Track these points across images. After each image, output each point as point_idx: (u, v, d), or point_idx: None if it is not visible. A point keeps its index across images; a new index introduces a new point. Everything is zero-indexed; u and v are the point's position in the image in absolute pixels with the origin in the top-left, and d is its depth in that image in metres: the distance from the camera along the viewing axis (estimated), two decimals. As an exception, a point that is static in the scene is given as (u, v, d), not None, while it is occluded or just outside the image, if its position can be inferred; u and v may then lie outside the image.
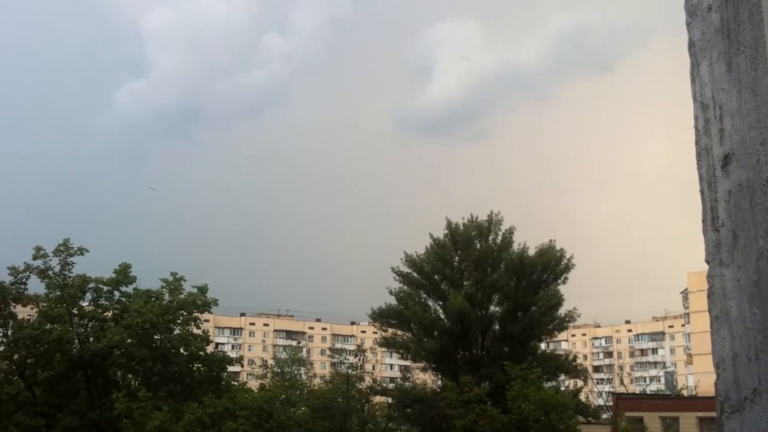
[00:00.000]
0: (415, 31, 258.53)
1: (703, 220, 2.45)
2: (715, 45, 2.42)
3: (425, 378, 67.33)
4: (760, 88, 2.22)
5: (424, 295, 56.71)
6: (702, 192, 2.47)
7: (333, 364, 79.22)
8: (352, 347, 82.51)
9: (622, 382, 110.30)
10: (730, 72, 2.35)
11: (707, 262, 2.41)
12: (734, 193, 2.30)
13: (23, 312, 41.52)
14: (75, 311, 40.37)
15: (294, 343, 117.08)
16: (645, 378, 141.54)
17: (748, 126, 2.25)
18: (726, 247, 2.33)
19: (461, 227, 56.17)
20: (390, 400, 58.13)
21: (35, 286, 40.07)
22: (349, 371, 56.53)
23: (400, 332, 57.42)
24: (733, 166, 2.31)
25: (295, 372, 71.42)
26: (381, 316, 56.57)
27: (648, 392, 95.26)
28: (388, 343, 59.25)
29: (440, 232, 56.76)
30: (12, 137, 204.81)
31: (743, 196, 2.26)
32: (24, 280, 39.42)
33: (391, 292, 56.25)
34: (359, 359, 60.57)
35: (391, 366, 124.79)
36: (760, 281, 2.18)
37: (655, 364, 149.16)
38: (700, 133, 2.49)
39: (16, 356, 38.97)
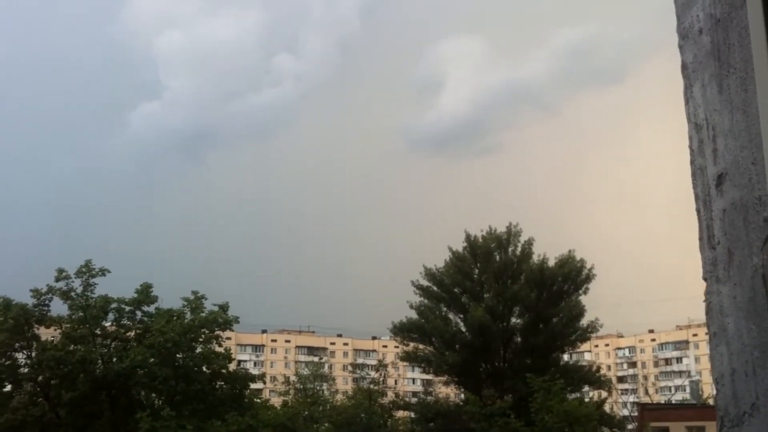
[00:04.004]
0: (423, 48, 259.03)
1: (700, 239, 2.50)
2: (706, 67, 2.48)
3: (448, 392, 67.09)
4: (750, 108, 2.27)
5: (445, 309, 56.59)
6: (698, 211, 2.52)
7: (355, 380, 79.23)
8: (374, 362, 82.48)
9: (646, 392, 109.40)
10: (721, 93, 2.40)
11: (704, 279, 2.46)
12: (728, 212, 2.35)
13: (46, 333, 41.88)
14: (98, 332, 40.68)
15: (316, 359, 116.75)
16: (670, 387, 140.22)
17: (740, 146, 2.30)
18: (722, 265, 2.37)
19: (480, 239, 56.09)
20: (412, 414, 58.01)
21: (58, 307, 40.44)
22: (371, 386, 56.52)
23: (421, 346, 57.29)
24: (726, 185, 2.36)
25: (318, 388, 71.38)
26: (402, 331, 56.47)
27: (673, 402, 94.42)
28: (409, 357, 59.10)
29: (458, 245, 56.73)
30: (27, 161, 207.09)
31: (737, 214, 2.31)
32: (47, 301, 39.78)
33: (411, 306, 56.22)
34: (381, 374, 60.52)
35: (413, 380, 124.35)
36: (755, 298, 2.22)
37: (680, 373, 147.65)
38: (695, 153, 2.54)
39: (40, 378, 39.28)
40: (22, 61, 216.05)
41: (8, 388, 40.20)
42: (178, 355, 39.38)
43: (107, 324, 41.53)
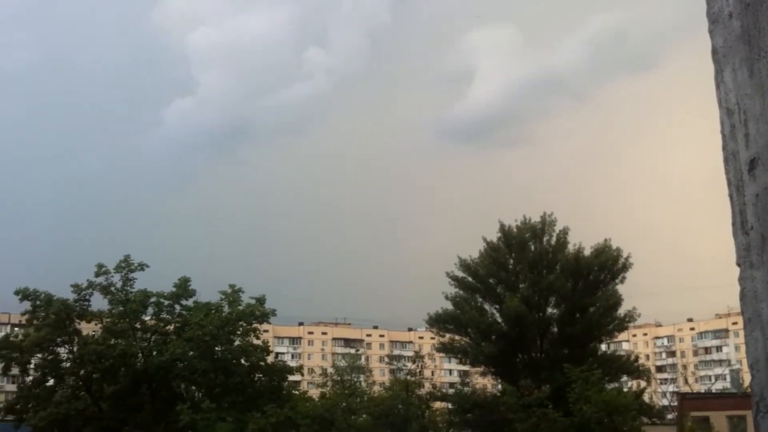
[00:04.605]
0: (455, 39, 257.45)
1: (733, 224, 2.49)
2: (737, 51, 2.46)
3: (484, 382, 66.97)
4: (782, 93, 2.26)
5: (480, 299, 56.40)
6: (731, 196, 2.51)
7: (392, 371, 79.29)
8: (410, 353, 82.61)
9: (686, 382, 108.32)
10: (752, 77, 2.39)
11: (738, 265, 2.45)
12: (761, 197, 2.34)
13: (87, 328, 42.53)
14: (138, 326, 41.20)
15: (352, 350, 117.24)
16: (710, 376, 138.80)
17: (772, 130, 2.30)
18: (755, 250, 2.36)
19: (514, 230, 55.80)
20: (450, 405, 58.01)
21: (98, 302, 41.03)
22: (408, 377, 56.58)
23: (457, 337, 57.21)
24: (759, 170, 2.35)
25: (355, 379, 71.65)
26: (438, 322, 56.43)
27: (713, 391, 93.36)
28: (445, 349, 59.08)
29: (493, 236, 56.49)
30: (63, 158, 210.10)
31: (770, 199, 2.30)
32: (87, 297, 40.36)
33: (447, 297, 56.11)
34: (418, 365, 60.56)
35: (450, 371, 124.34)
36: (789, 283, 2.21)
37: (720, 362, 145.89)
38: (727, 138, 2.53)
39: (82, 372, 39.88)
40: (56, 60, 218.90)
41: (51, 382, 40.92)
42: (216, 348, 39.76)
43: (147, 318, 42.03)
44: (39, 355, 40.21)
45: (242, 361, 40.86)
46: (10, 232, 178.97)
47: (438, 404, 59.61)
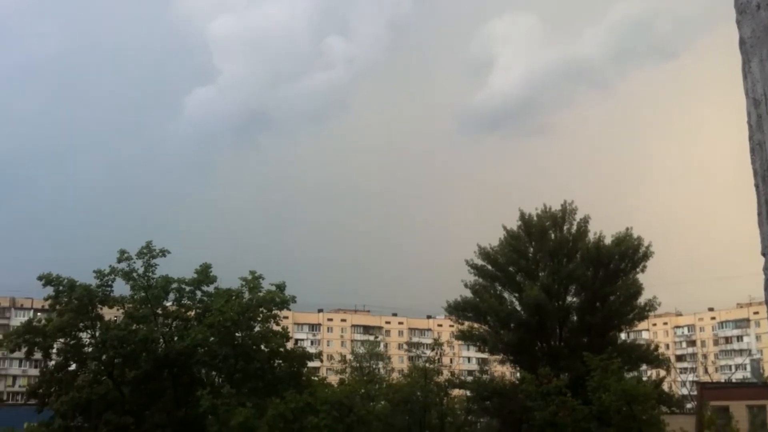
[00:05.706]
0: (476, 28, 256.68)
1: (759, 214, 2.50)
2: (764, 42, 2.47)
3: (503, 370, 66.96)
4: (809, 83, 2.27)
5: (500, 287, 56.31)
6: (756, 186, 2.52)
7: (410, 358, 79.48)
8: (429, 341, 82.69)
9: (706, 371, 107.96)
10: (780, 68, 2.40)
11: (763, 254, 2.47)
12: (788, 187, 2.35)
13: (110, 313, 42.82)
14: (159, 311, 41.46)
15: (371, 337, 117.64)
16: (730, 366, 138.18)
17: (799, 121, 2.31)
18: (781, 240, 2.38)
19: (535, 218, 55.60)
20: (468, 393, 58.01)
21: (120, 287, 41.34)
22: (427, 365, 56.66)
23: (476, 325, 57.17)
24: (785, 160, 2.36)
25: (374, 366, 71.90)
26: (457, 310, 56.40)
27: (734, 380, 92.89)
28: (464, 336, 59.01)
29: (513, 224, 56.33)
30: (86, 148, 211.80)
31: (796, 189, 2.31)
32: (109, 282, 40.61)
33: (466, 285, 56.04)
34: (436, 353, 60.64)
35: (469, 359, 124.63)
36: (814, 272, 2.23)
37: (741, 351, 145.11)
38: (753, 129, 2.54)
39: (104, 357, 40.20)
40: (79, 50, 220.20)
41: (73, 367, 41.28)
42: (237, 334, 39.95)
43: (168, 304, 42.26)
44: (61, 340, 40.52)
45: (262, 347, 41.04)
46: (34, 219, 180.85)
47: (456, 392, 59.64)
